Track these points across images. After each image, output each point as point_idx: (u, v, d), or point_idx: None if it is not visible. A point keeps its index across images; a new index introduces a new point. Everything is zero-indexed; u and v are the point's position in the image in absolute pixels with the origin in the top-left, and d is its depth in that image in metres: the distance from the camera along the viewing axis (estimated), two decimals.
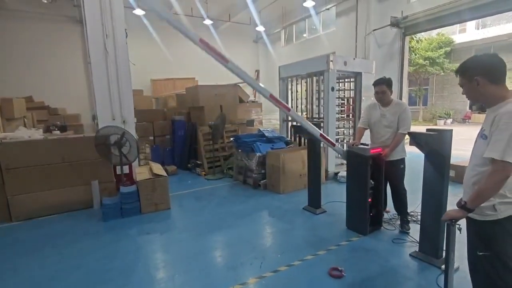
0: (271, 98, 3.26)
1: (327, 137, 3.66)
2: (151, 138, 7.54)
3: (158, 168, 4.77)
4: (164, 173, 4.52)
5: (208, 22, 12.27)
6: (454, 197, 4.65)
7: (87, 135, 5.10)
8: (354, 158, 3.40)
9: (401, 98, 9.02)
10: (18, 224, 4.01)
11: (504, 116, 1.49)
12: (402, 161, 3.41)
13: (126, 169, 4.57)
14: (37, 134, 4.77)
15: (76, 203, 4.40)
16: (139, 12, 10.74)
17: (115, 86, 4.69)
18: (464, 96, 1.76)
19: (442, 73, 18.69)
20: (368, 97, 5.96)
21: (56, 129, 5.63)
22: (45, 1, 9.86)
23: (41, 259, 3.06)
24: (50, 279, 2.71)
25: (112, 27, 4.59)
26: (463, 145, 9.94)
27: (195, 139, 7.03)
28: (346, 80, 6.54)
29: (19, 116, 5.51)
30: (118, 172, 4.54)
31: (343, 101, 6.75)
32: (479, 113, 20.24)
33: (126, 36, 4.81)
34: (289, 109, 3.53)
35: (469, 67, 1.66)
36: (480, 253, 1.66)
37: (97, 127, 4.62)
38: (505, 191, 1.56)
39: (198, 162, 6.81)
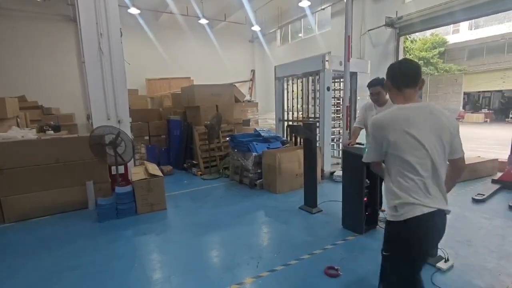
0: None
1: None
2: (147, 138, 7.49)
3: (153, 168, 4.74)
4: (160, 173, 4.49)
5: (203, 21, 12.23)
6: (448, 195, 4.69)
7: (81, 135, 5.05)
8: (350, 157, 3.41)
9: None
10: (11, 225, 3.95)
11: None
12: None
13: (121, 169, 4.55)
14: (31, 134, 4.71)
15: (71, 204, 4.36)
16: (134, 11, 10.66)
17: (110, 86, 4.65)
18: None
19: (436, 73, 18.90)
20: (364, 97, 6.00)
21: (50, 129, 5.56)
22: (38, 0, 9.73)
23: (35, 261, 3.03)
24: (44, 281, 2.68)
25: (107, 26, 4.55)
26: None
27: (191, 139, 7.00)
28: (341, 80, 6.57)
29: (12, 116, 5.42)
30: (113, 172, 4.50)
31: (339, 101, 6.79)
32: (472, 113, 20.53)
33: (121, 35, 4.77)
34: None
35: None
36: (385, 253, 1.67)
37: (91, 127, 4.58)
38: (401, 192, 1.55)
39: (194, 162, 6.79)
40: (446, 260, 2.69)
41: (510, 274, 2.43)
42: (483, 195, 4.41)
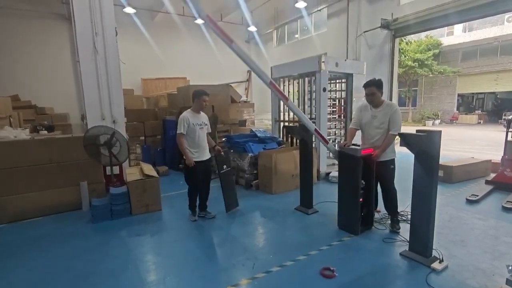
0: (271, 85, 3.39)
1: (321, 133, 3.74)
2: (142, 138, 7.45)
3: (149, 169, 4.71)
4: (155, 174, 4.47)
5: (199, 21, 12.16)
6: (442, 196, 4.75)
7: (75, 135, 4.99)
8: (345, 158, 3.42)
9: (391, 99, 9.14)
10: (3, 226, 3.89)
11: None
12: (392, 161, 3.45)
13: (116, 169, 4.50)
14: (24, 134, 4.65)
15: (64, 204, 4.31)
16: (129, 10, 10.59)
17: (104, 85, 4.62)
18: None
19: (431, 75, 19.08)
20: (359, 98, 6.03)
21: (43, 129, 5.50)
22: None
23: (28, 262, 2.98)
24: (37, 282, 2.64)
25: (102, 25, 4.51)
26: (451, 145, 10.18)
27: None
28: (337, 81, 6.59)
29: (5, 115, 5.36)
30: (108, 172, 4.46)
31: (335, 102, 6.82)
32: (466, 114, 20.77)
33: (116, 35, 4.74)
34: (287, 99, 3.65)
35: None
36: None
37: (86, 127, 4.54)
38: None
39: None
40: (441, 261, 2.71)
41: (503, 274, 2.44)
42: (477, 196, 4.46)
